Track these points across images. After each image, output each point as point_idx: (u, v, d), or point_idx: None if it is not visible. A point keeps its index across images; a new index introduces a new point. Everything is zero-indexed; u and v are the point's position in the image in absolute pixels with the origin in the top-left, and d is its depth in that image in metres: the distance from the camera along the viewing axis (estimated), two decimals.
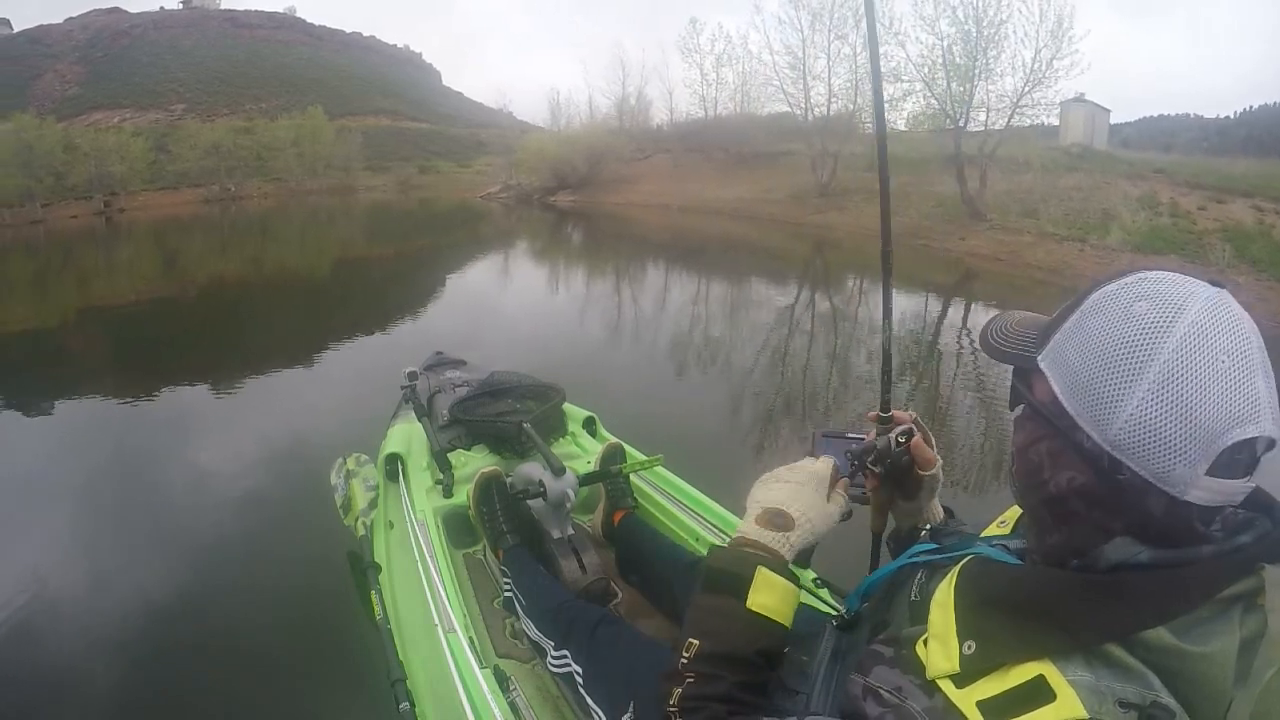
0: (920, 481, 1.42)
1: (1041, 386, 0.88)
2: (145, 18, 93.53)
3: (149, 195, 50.79)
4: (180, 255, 25.07)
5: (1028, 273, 15.88)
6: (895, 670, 0.95)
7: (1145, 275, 0.83)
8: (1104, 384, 0.79)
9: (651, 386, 7.86)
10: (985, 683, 0.82)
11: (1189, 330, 0.76)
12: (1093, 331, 0.83)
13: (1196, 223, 18.19)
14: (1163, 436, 0.76)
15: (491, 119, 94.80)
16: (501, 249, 24.05)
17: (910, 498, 1.44)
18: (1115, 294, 0.83)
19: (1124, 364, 0.78)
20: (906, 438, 1.39)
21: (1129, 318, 0.80)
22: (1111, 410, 0.79)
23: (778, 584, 1.13)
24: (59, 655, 3.44)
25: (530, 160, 44.46)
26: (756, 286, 15.27)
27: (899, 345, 9.79)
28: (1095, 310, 0.84)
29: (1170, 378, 0.75)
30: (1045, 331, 0.91)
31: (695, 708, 1.05)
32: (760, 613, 1.11)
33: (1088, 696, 0.75)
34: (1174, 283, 0.81)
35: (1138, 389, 0.77)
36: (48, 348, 11.17)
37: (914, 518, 1.45)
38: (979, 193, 21.91)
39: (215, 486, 5.25)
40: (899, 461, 1.39)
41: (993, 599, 0.90)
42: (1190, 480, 0.77)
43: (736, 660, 1.09)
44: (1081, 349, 0.83)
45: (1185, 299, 0.78)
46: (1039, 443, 0.89)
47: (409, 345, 8.15)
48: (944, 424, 6.71)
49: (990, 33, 22.98)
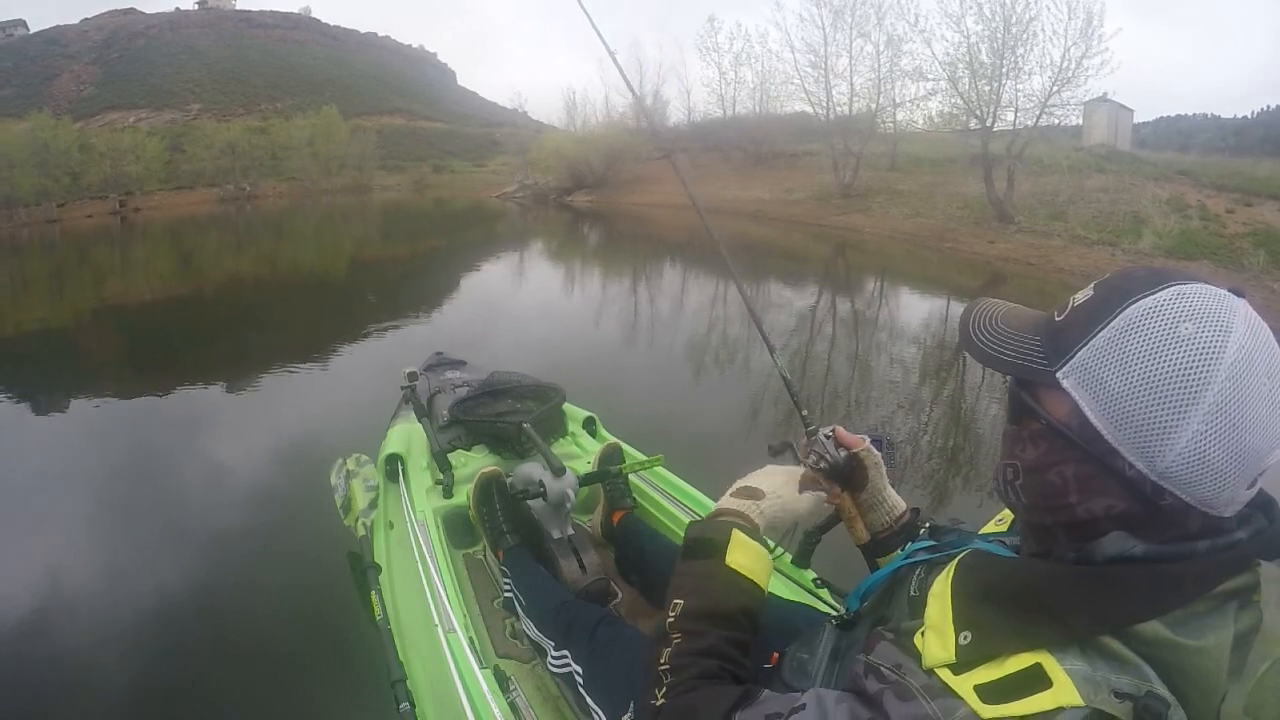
0: (863, 466, 1.50)
1: (1062, 405, 0.85)
2: (161, 18, 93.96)
3: (164, 195, 51.22)
4: (194, 254, 25.22)
5: (1059, 278, 15.52)
6: (896, 648, 0.94)
7: (1182, 290, 0.79)
8: (1154, 414, 0.77)
9: (654, 387, 7.85)
10: (981, 670, 0.82)
11: (1237, 355, 0.75)
12: (1136, 355, 0.78)
13: (1226, 226, 17.77)
14: (1215, 466, 0.76)
15: (507, 119, 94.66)
16: (516, 249, 24.02)
17: (863, 486, 1.51)
18: (1155, 312, 0.79)
19: (1177, 394, 0.75)
20: (826, 435, 1.50)
21: (1177, 342, 0.76)
22: (1163, 442, 0.76)
23: (751, 546, 1.23)
24: (57, 653, 3.45)
25: (546, 160, 44.18)
26: (771, 288, 15.19)
27: (921, 352, 9.79)
28: (1134, 329, 0.79)
29: (1223, 408, 0.74)
30: (1055, 340, 0.87)
31: (686, 664, 1.10)
32: (739, 570, 1.20)
33: (1083, 685, 0.76)
34: (1213, 299, 0.78)
35: (1192, 420, 0.75)
36: (60, 345, 11.28)
37: (880, 510, 1.52)
38: (1007, 194, 21.50)
39: (216, 486, 5.29)
40: (837, 455, 1.48)
41: (989, 590, 0.89)
42: (1233, 501, 0.79)
43: (720, 615, 1.16)
44: (1124, 374, 0.79)
45: (1229, 319, 0.76)
46: (1061, 466, 0.86)
47: (418, 344, 8.15)
48: (967, 431, 6.69)
49: (1018, 30, 22.38)
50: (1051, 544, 0.92)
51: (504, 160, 61.30)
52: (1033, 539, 0.97)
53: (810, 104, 32.90)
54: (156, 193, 51.04)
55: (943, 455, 6.02)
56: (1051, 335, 0.88)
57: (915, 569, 1.17)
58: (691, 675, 1.09)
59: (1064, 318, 0.87)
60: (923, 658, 0.89)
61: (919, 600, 1.04)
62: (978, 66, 23.16)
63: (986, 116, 22.93)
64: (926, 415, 7.02)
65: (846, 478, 1.50)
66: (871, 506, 1.52)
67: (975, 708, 0.79)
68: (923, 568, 1.15)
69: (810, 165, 32.76)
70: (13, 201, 40.88)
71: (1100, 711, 0.76)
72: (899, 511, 1.52)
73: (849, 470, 1.50)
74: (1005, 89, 22.95)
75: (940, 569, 1.02)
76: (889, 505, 1.52)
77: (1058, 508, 0.88)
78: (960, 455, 6.02)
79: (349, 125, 65.21)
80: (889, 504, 1.52)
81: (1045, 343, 0.88)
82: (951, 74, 24.22)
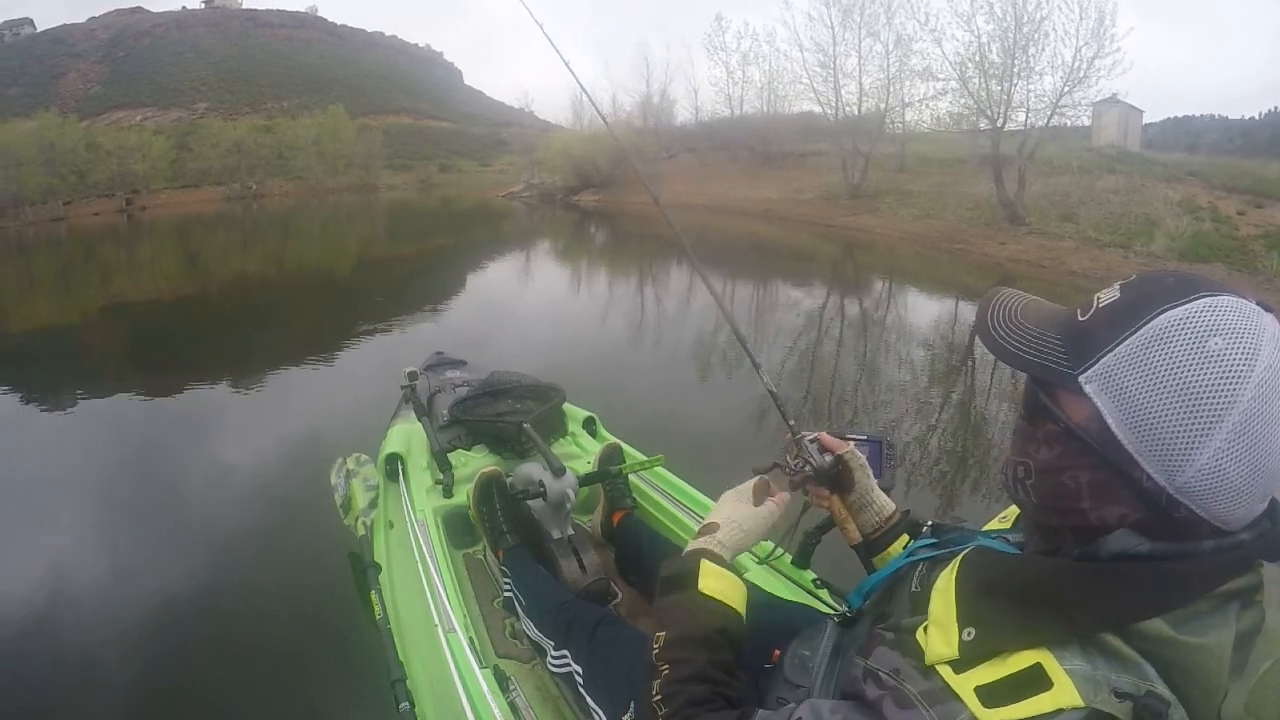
0: (849, 469, 1.53)
1: (1081, 409, 0.84)
2: (167, 17, 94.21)
3: (170, 193, 51.21)
4: (200, 253, 25.23)
5: (1071, 280, 15.40)
6: (895, 652, 0.93)
7: (1213, 302, 0.78)
8: (1179, 428, 0.76)
9: (654, 387, 7.84)
10: (983, 669, 0.82)
11: (1264, 374, 0.75)
12: (1163, 367, 0.77)
13: (1238, 229, 17.65)
14: (1233, 485, 0.76)
15: (513, 118, 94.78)
16: (521, 248, 24.03)
17: (849, 489, 1.53)
18: (1186, 324, 0.78)
19: (1203, 410, 0.75)
20: (810, 441, 1.54)
21: (1206, 358, 0.75)
22: (1185, 457, 0.76)
23: (721, 573, 1.27)
24: (56, 652, 3.47)
25: (553, 159, 44.09)
26: (779, 289, 15.16)
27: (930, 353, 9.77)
28: (1163, 340, 0.78)
29: (1247, 426, 0.74)
30: (1079, 341, 0.85)
31: (675, 693, 1.12)
32: (712, 595, 1.23)
33: (1083, 685, 0.76)
34: (1243, 315, 0.77)
35: (1215, 438, 0.75)
36: (65, 342, 11.33)
37: (870, 510, 1.53)
38: (1018, 195, 21.34)
39: (216, 485, 5.29)
40: (822, 459, 1.52)
41: (993, 586, 0.89)
42: (1247, 518, 0.80)
43: (701, 641, 1.18)
44: (1150, 385, 0.78)
45: (1258, 336, 0.76)
46: (1076, 470, 0.86)
47: (419, 344, 8.16)
48: (976, 434, 6.68)
49: (1030, 29, 22.26)
50: (1058, 543, 0.91)
51: (510, 160, 61.37)
52: (1039, 537, 0.97)
53: (819, 103, 32.86)
54: (163, 191, 51.05)
55: (951, 458, 6.00)
56: (1075, 336, 0.86)
57: (917, 566, 1.17)
58: (683, 704, 1.10)
59: (1088, 318, 0.86)
60: (925, 654, 0.89)
61: (921, 596, 1.04)
62: (988, 66, 23.04)
63: (997, 117, 22.80)
64: (935, 417, 7.00)
65: (834, 481, 1.54)
66: (860, 508, 1.53)
67: (976, 711, 0.79)
68: (925, 564, 1.15)
69: (819, 165, 32.57)
70: (20, 200, 40.87)
71: (1100, 711, 0.75)
72: (888, 512, 1.53)
73: (835, 473, 1.53)
74: (1016, 89, 22.84)
75: (943, 565, 1.02)
76: (878, 506, 1.53)
77: (1069, 511, 0.87)
78: (969, 458, 5.99)
79: (355, 124, 65.17)
80: (877, 505, 1.53)
81: (1067, 343, 0.87)
82: (961, 74, 24.16)
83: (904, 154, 29.99)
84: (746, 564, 2.33)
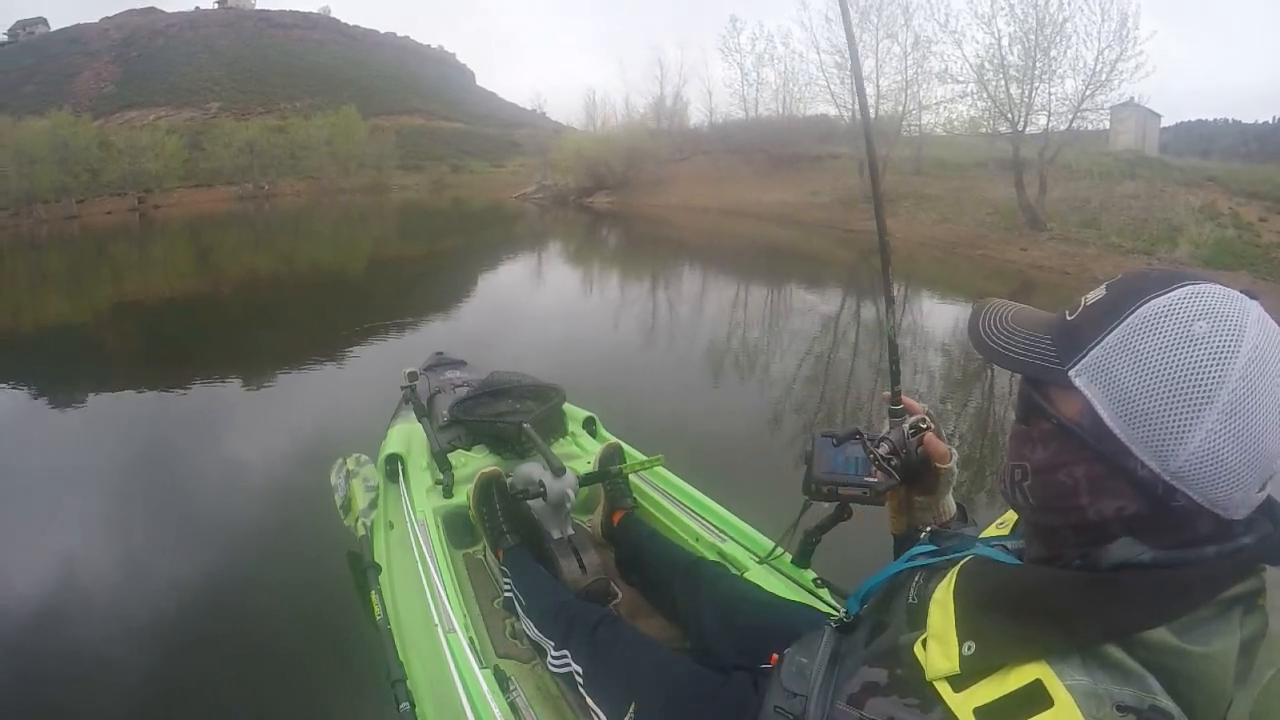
0: (938, 475, 1.44)
1: (1074, 404, 0.84)
2: (180, 17, 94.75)
3: (183, 192, 51.41)
4: (212, 252, 25.39)
5: (1094, 288, 15.29)
6: (891, 698, 0.92)
7: (1196, 289, 0.78)
8: (1168, 413, 0.76)
9: (654, 387, 7.84)
10: (983, 686, 0.81)
11: (1251, 354, 0.74)
12: (1150, 353, 0.77)
13: (1261, 235, 17.45)
14: (1228, 466, 0.75)
15: (526, 119, 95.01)
16: (533, 250, 24.02)
17: (929, 492, 1.47)
18: (1170, 310, 0.78)
19: (1191, 392, 0.75)
20: (916, 431, 1.44)
21: (1191, 341, 0.75)
22: (1177, 441, 0.75)
23: None
24: (57, 650, 3.48)
25: (566, 161, 43.92)
26: (792, 293, 15.16)
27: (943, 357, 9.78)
28: (1147, 328, 0.78)
29: (1237, 407, 0.73)
30: (1067, 339, 0.86)
31: None
32: None
33: (1085, 701, 0.74)
34: (1227, 299, 0.77)
35: (1206, 419, 0.74)
36: (75, 340, 11.39)
37: (931, 512, 1.48)
38: (1038, 200, 21.10)
39: (217, 484, 5.31)
40: (914, 455, 1.43)
41: (993, 598, 0.89)
42: (1245, 503, 0.78)
43: None
44: (1138, 372, 0.78)
45: (1243, 318, 0.75)
46: (1072, 466, 0.85)
47: (423, 345, 8.18)
48: (994, 436, 6.65)
49: (1051, 31, 21.91)
50: (1058, 547, 0.90)
51: (523, 161, 61.41)
52: (1039, 542, 0.96)
53: (835, 106, 32.61)
54: (175, 190, 51.25)
55: (968, 464, 5.97)
56: (1063, 334, 0.87)
57: (914, 574, 1.16)
58: None
59: (1076, 316, 0.87)
60: (925, 669, 0.88)
61: (918, 609, 1.03)
62: (1009, 68, 22.80)
63: (1018, 120, 22.54)
64: (953, 426, 6.97)
65: (914, 475, 1.46)
66: (925, 508, 1.49)
67: None
68: (922, 573, 1.14)
69: (834, 168, 32.04)
70: (33, 198, 41.12)
71: None
72: (948, 516, 1.49)
73: (918, 472, 1.46)
74: (1037, 92, 22.55)
75: (941, 575, 1.02)
76: (940, 509, 1.48)
77: (1067, 509, 0.86)
78: (987, 467, 5.97)
79: (367, 125, 65.36)
80: (940, 508, 1.48)
81: (1057, 341, 0.87)
82: (980, 76, 23.87)
83: (920, 157, 29.65)
84: (747, 563, 2.33)
